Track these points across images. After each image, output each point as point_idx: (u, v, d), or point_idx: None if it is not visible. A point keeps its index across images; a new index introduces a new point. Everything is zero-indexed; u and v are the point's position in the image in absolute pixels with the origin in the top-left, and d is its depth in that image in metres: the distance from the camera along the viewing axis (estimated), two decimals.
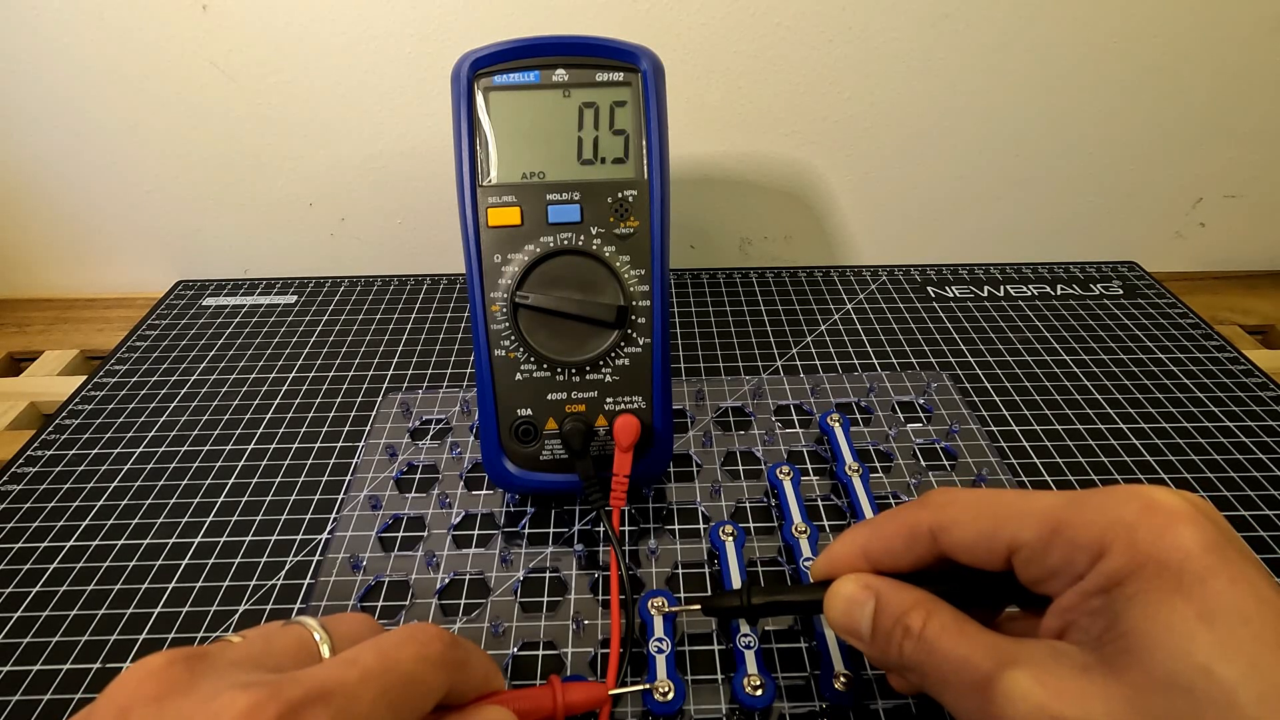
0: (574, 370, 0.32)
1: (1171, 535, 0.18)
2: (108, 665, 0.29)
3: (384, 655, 0.19)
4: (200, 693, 0.16)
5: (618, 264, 0.32)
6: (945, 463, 0.38)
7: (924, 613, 0.21)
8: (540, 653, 0.29)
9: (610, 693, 0.25)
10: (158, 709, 0.16)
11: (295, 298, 0.52)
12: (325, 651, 0.20)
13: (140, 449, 0.39)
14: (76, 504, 0.36)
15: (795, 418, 0.41)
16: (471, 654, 0.22)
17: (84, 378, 0.45)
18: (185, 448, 0.39)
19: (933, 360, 0.45)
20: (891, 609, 0.22)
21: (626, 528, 0.34)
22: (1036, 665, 0.18)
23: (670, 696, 0.26)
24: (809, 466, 0.37)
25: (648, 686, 0.26)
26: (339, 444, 0.39)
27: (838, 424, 0.38)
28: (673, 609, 0.29)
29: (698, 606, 0.28)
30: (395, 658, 0.19)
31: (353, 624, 0.21)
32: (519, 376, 0.32)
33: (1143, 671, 0.17)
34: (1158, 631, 0.17)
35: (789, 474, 0.35)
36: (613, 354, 0.32)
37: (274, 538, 0.34)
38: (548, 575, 0.32)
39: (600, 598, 0.31)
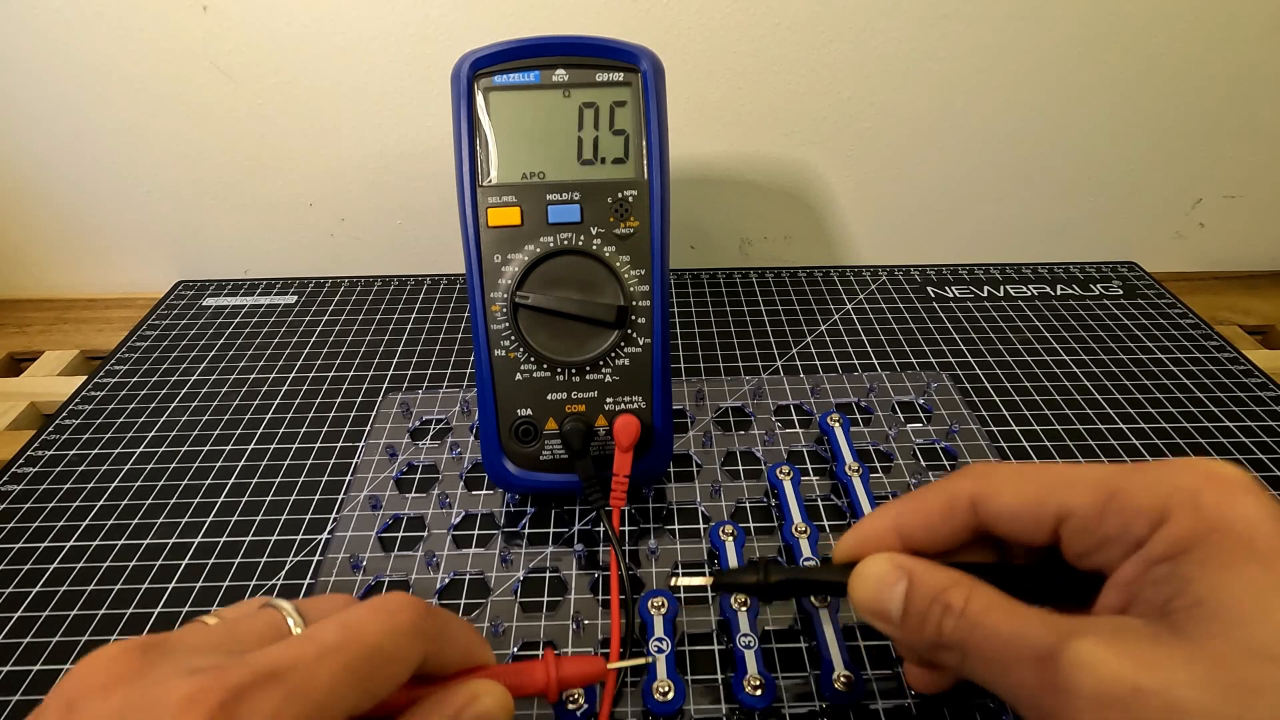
0: (574, 370, 0.32)
1: (1238, 504, 0.17)
2: None
3: (346, 628, 0.18)
4: (148, 680, 0.16)
5: (618, 264, 0.32)
6: (945, 463, 0.38)
7: (965, 590, 0.20)
8: (540, 653, 0.29)
9: (610, 666, 0.25)
10: (104, 700, 0.15)
11: (295, 298, 0.52)
12: (295, 631, 0.19)
13: (140, 449, 0.39)
14: (76, 504, 0.36)
15: (795, 418, 0.41)
16: (450, 623, 0.20)
17: (84, 378, 0.45)
18: (185, 448, 0.39)
19: (933, 360, 0.45)
20: (927, 587, 0.20)
21: (626, 528, 0.34)
22: (1104, 634, 0.17)
23: (670, 696, 0.26)
24: (809, 466, 0.37)
25: (650, 659, 0.26)
26: (339, 444, 0.39)
27: (838, 424, 0.38)
28: (682, 580, 0.26)
29: (708, 580, 0.25)
30: (358, 630, 0.18)
31: (331, 605, 0.20)
32: (519, 376, 0.32)
33: (1226, 640, 0.16)
34: (1238, 599, 0.16)
35: (789, 474, 0.35)
36: (613, 354, 0.32)
37: (274, 538, 0.34)
38: (548, 575, 0.32)
39: (600, 598, 0.31)
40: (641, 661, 0.26)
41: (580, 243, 0.32)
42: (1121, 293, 0.52)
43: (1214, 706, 0.15)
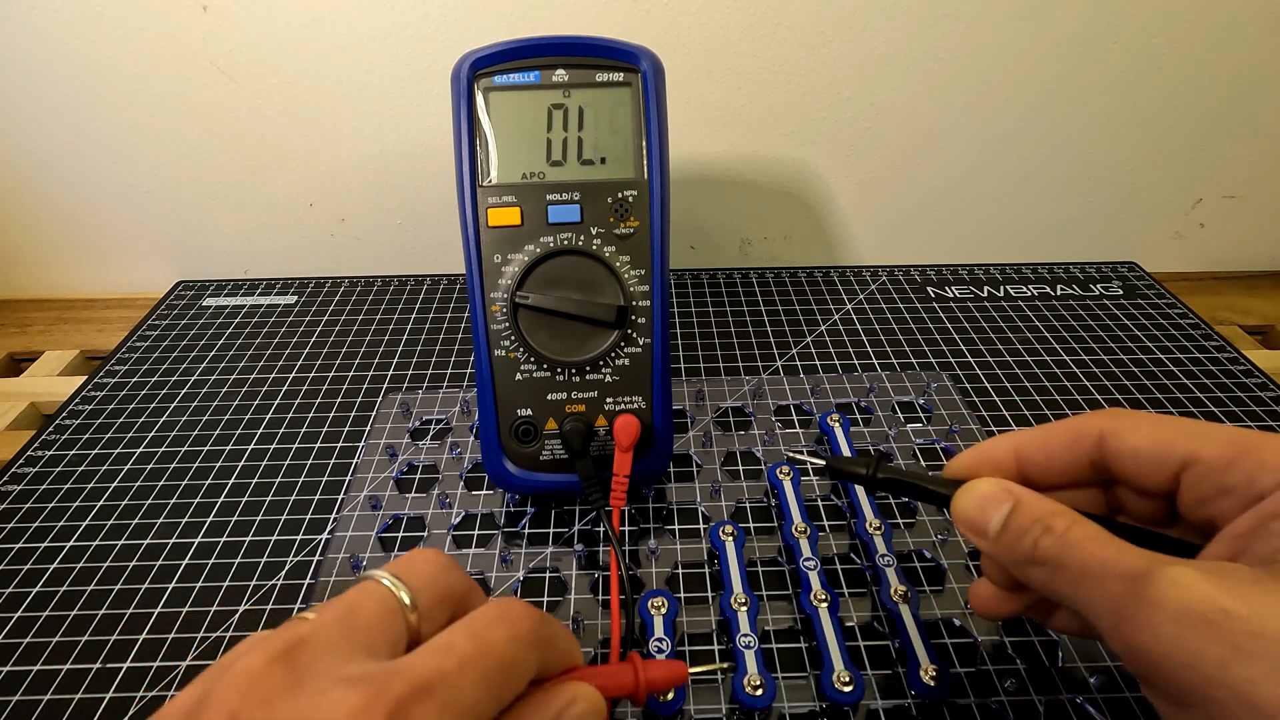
0: (574, 370, 0.32)
1: None
2: (108, 665, 0.29)
3: (478, 638, 0.18)
4: (307, 690, 0.16)
5: (618, 264, 0.32)
6: (945, 463, 0.38)
7: (1069, 518, 0.20)
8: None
9: (691, 671, 0.25)
10: (267, 712, 0.16)
11: (295, 298, 0.52)
12: (406, 599, 0.19)
13: (140, 449, 0.39)
14: (76, 504, 0.36)
15: (795, 418, 0.41)
16: (556, 630, 0.21)
17: (84, 378, 0.45)
18: (185, 448, 0.39)
19: (933, 360, 0.45)
20: (1033, 510, 0.21)
21: (626, 528, 0.34)
22: (1198, 566, 0.17)
23: (670, 696, 0.26)
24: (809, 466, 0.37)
25: (724, 666, 0.26)
26: (339, 444, 0.39)
27: (838, 424, 0.38)
28: (797, 456, 0.28)
29: (823, 462, 0.27)
30: (490, 640, 0.18)
31: (425, 568, 0.20)
32: (519, 376, 0.32)
33: None
34: None
35: (789, 474, 0.35)
36: (613, 354, 0.32)
37: (274, 538, 0.34)
38: (548, 575, 0.32)
39: (600, 598, 0.31)
40: (721, 666, 0.26)
41: (580, 243, 0.32)
42: (1121, 293, 0.52)
43: None
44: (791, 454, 0.29)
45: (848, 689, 0.26)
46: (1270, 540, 0.18)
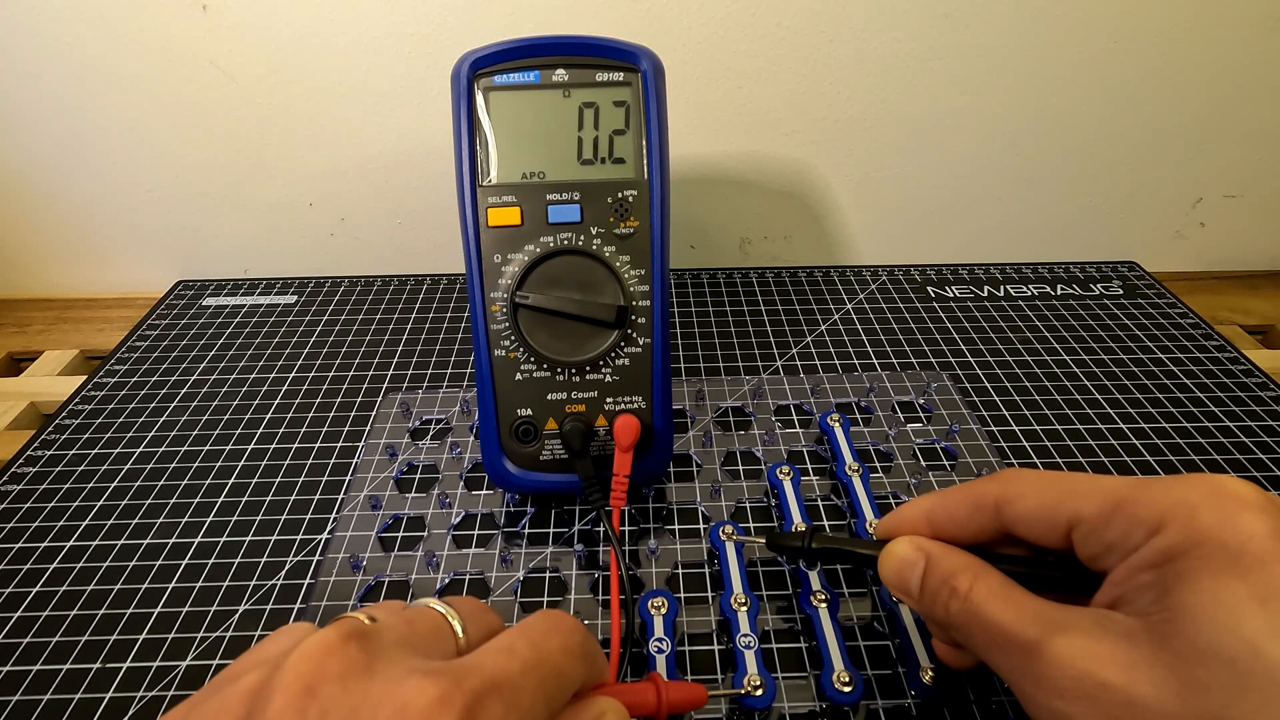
0: (574, 370, 0.32)
1: (1236, 520, 0.18)
2: (107, 665, 0.29)
3: (536, 646, 0.19)
4: (381, 676, 0.16)
5: (618, 264, 0.32)
6: (945, 463, 0.38)
7: (971, 575, 0.22)
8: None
9: (710, 693, 0.25)
10: (342, 688, 0.16)
11: (295, 298, 0.52)
12: (458, 626, 0.20)
13: (140, 449, 0.39)
14: (76, 504, 0.36)
15: (795, 418, 0.41)
16: (597, 645, 0.22)
17: (84, 378, 0.45)
18: (185, 448, 0.39)
19: (933, 360, 0.45)
20: (940, 570, 0.22)
21: (626, 528, 0.34)
22: (1083, 632, 0.19)
23: None
24: (809, 466, 0.37)
25: (743, 692, 0.26)
26: (339, 444, 0.39)
27: (838, 424, 0.38)
28: (739, 538, 0.30)
29: (763, 540, 0.29)
30: (546, 649, 0.19)
31: (470, 604, 0.21)
32: (519, 376, 0.32)
33: (1187, 642, 0.17)
34: (1205, 605, 0.17)
35: (789, 474, 0.35)
36: (613, 354, 0.32)
37: (274, 538, 0.34)
38: (548, 575, 0.32)
39: (600, 598, 0.31)
40: (738, 692, 0.26)
41: (580, 243, 0.32)
42: (1121, 293, 0.52)
43: (1166, 701, 0.17)
44: (737, 538, 0.31)
45: (848, 689, 0.26)
46: (1143, 592, 0.19)
